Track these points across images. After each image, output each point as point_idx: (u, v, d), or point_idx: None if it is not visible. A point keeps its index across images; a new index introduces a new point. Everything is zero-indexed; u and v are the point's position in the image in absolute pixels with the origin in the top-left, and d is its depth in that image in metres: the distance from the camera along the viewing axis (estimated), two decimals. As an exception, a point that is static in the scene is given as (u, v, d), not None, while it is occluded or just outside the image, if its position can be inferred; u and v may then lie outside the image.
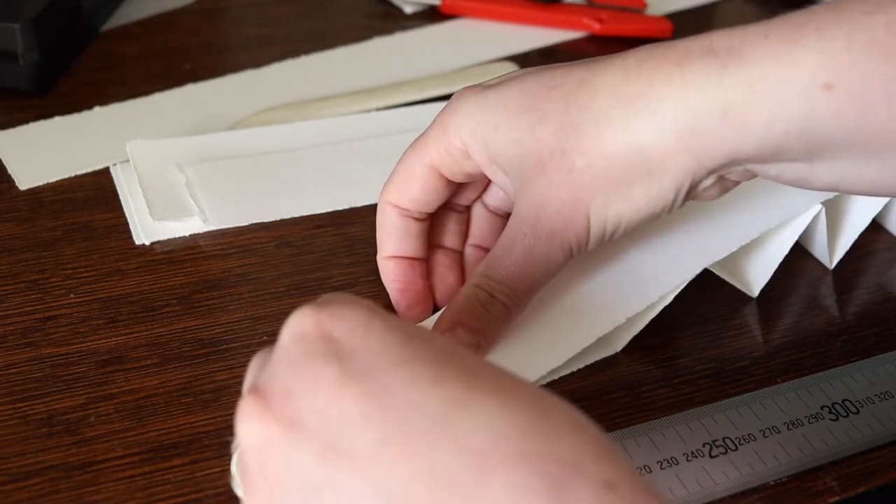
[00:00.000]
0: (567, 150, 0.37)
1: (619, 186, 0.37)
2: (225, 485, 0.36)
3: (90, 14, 0.64)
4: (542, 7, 0.69)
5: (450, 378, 0.27)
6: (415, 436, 0.26)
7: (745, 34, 0.35)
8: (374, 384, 0.27)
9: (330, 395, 0.27)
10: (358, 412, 0.26)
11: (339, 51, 0.65)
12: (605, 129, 0.36)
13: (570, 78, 0.38)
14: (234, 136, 0.55)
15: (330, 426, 0.26)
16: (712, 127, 0.35)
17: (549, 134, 0.37)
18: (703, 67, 0.35)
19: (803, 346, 0.44)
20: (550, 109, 0.38)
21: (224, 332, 0.43)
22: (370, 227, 0.49)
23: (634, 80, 0.36)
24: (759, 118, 0.34)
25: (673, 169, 0.36)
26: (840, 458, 0.38)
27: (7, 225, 0.48)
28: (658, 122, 0.35)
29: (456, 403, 0.26)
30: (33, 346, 0.42)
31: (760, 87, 0.34)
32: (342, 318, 0.29)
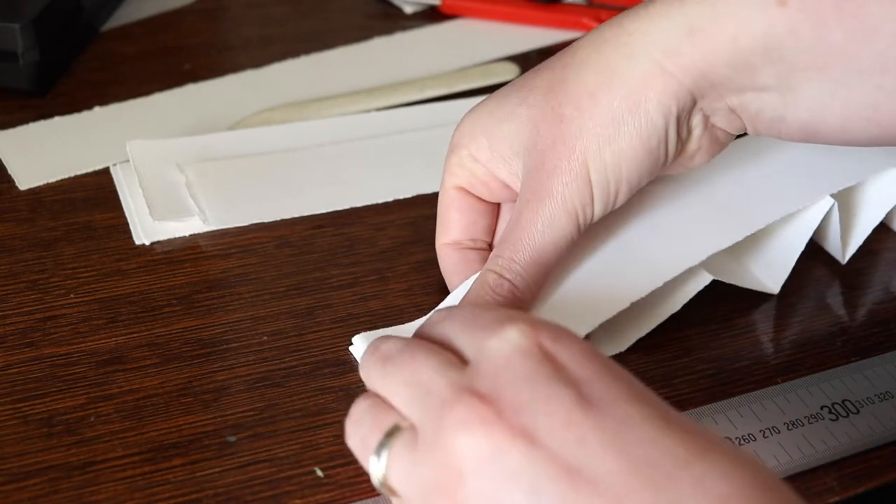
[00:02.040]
0: (555, 105, 0.39)
1: (609, 125, 0.38)
2: (224, 485, 0.36)
3: (90, 14, 0.64)
4: (542, 7, 0.69)
5: (678, 424, 0.28)
6: (658, 471, 0.26)
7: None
8: (612, 416, 0.27)
9: (569, 418, 0.27)
10: (597, 439, 0.27)
11: (339, 51, 0.65)
12: (586, 73, 0.38)
13: (554, 58, 0.40)
14: (234, 136, 0.55)
15: (569, 448, 0.27)
16: (682, 45, 0.37)
17: (538, 99, 0.39)
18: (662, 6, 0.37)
19: (803, 346, 0.44)
20: (537, 81, 0.40)
21: (224, 332, 0.43)
22: (370, 227, 0.49)
23: (606, 28, 0.39)
24: (724, 33, 0.36)
25: (655, 94, 0.37)
26: (840, 458, 0.38)
27: (7, 225, 0.48)
28: (631, 52, 0.38)
29: (693, 449, 0.27)
30: (33, 346, 0.42)
31: (721, 6, 0.36)
32: (562, 343, 0.30)
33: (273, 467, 0.37)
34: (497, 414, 0.28)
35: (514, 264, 0.39)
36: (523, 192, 0.39)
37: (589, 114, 0.38)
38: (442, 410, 0.29)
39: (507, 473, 0.27)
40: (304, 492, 0.36)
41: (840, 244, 0.46)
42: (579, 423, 0.27)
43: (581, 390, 0.28)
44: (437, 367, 0.30)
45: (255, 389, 0.40)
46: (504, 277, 0.39)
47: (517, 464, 0.27)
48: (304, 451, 0.38)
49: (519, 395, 0.28)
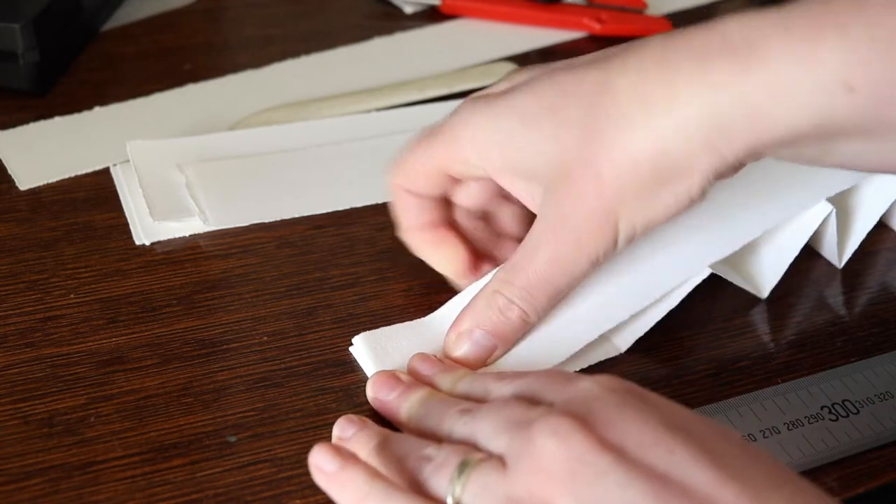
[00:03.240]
0: (593, 157, 0.37)
1: (648, 191, 0.37)
2: (224, 485, 0.36)
3: (90, 14, 0.64)
4: (542, 7, 0.69)
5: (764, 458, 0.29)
6: (750, 489, 0.27)
7: (763, 26, 0.35)
8: (701, 439, 0.29)
9: (657, 437, 0.29)
10: (687, 454, 0.28)
11: (339, 51, 0.65)
12: (632, 133, 0.36)
13: (585, 82, 0.37)
14: (234, 136, 0.55)
15: (659, 459, 0.28)
16: (736, 125, 0.35)
17: (572, 141, 0.37)
18: (725, 66, 0.35)
19: (803, 346, 0.44)
20: (570, 116, 0.37)
21: (224, 332, 0.43)
22: (370, 227, 0.49)
23: (654, 81, 0.36)
24: (781, 115, 0.35)
25: (699, 167, 0.36)
26: (840, 458, 0.38)
27: (7, 225, 0.48)
28: (684, 124, 0.35)
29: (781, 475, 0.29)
30: (33, 346, 0.42)
31: (783, 87, 0.34)
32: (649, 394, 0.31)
33: (273, 467, 0.37)
34: (588, 428, 0.29)
35: (527, 295, 0.39)
36: (544, 226, 0.38)
37: (629, 179, 0.36)
38: (530, 428, 0.30)
39: (599, 474, 0.28)
40: (305, 492, 0.36)
41: (836, 249, 0.46)
42: (668, 441, 0.28)
43: (665, 414, 0.30)
44: (524, 406, 0.32)
45: (256, 389, 0.40)
46: (515, 304, 0.39)
47: (608, 466, 0.28)
48: (304, 451, 0.38)
49: (607, 416, 0.30)
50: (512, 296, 0.39)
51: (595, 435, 0.29)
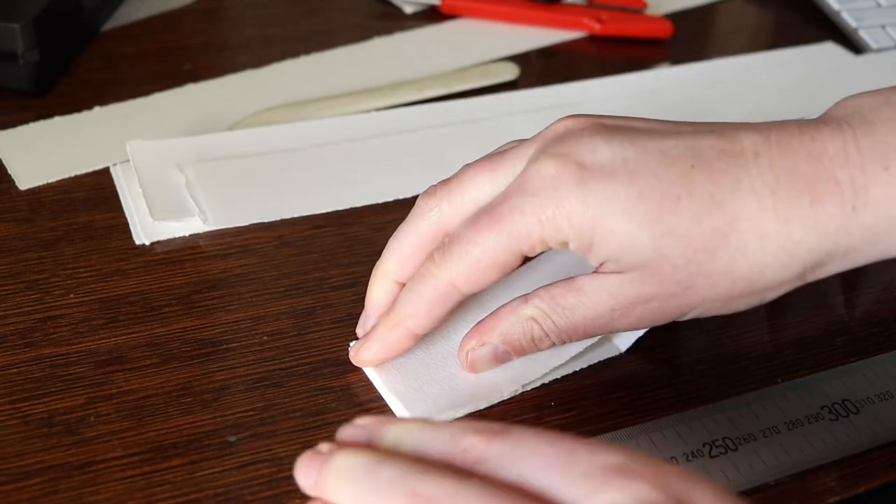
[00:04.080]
0: (694, 273, 0.36)
1: (729, 301, 0.37)
2: (224, 485, 0.36)
3: (90, 14, 0.64)
4: (542, 7, 0.69)
5: None
6: None
7: (864, 162, 0.36)
8: None
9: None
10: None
11: (339, 51, 0.65)
12: (740, 262, 0.36)
13: (696, 190, 0.36)
14: (234, 136, 0.55)
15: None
16: (832, 262, 0.37)
17: (677, 253, 0.36)
18: (833, 208, 0.36)
19: (803, 346, 0.44)
20: (678, 224, 0.36)
21: (224, 332, 0.43)
22: (370, 228, 0.49)
23: (769, 217, 0.36)
24: (873, 253, 0.36)
25: (782, 290, 0.37)
26: (840, 458, 0.38)
27: (7, 225, 0.48)
28: (790, 262, 0.36)
29: None
30: (33, 346, 0.42)
31: (883, 230, 0.36)
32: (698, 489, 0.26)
33: (273, 467, 0.37)
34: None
35: (566, 336, 0.39)
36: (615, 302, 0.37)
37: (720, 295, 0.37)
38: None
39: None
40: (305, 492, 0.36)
41: None
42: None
43: None
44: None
45: (255, 389, 0.40)
46: (550, 339, 0.39)
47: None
48: (303, 450, 0.38)
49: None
50: (549, 331, 0.38)
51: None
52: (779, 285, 0.37)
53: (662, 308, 0.37)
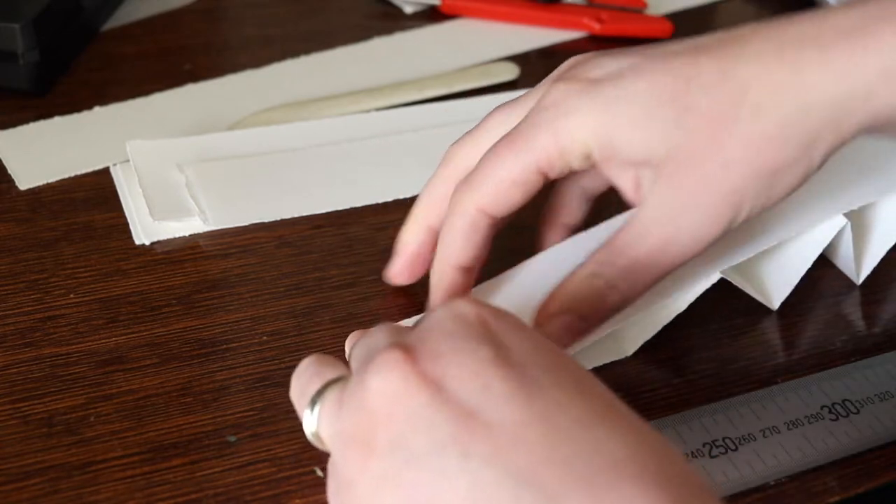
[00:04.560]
0: (722, 145, 0.37)
1: (773, 174, 0.37)
2: (224, 485, 0.36)
3: (90, 14, 0.64)
4: (542, 7, 0.69)
5: (593, 393, 0.28)
6: (556, 430, 0.27)
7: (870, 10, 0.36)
8: (524, 376, 0.28)
9: (479, 370, 0.28)
10: (501, 389, 0.28)
11: (339, 51, 0.65)
12: (762, 118, 0.36)
13: (703, 70, 0.37)
14: (234, 136, 0.55)
15: (473, 395, 0.28)
16: (856, 109, 0.36)
17: (700, 128, 0.37)
18: (845, 51, 0.36)
19: (803, 346, 0.44)
20: (694, 102, 0.37)
21: (224, 332, 0.43)
22: (370, 227, 0.49)
23: (779, 70, 0.36)
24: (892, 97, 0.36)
25: (821, 146, 0.37)
26: (840, 458, 0.38)
27: (7, 225, 0.48)
28: (811, 108, 0.36)
29: (598, 415, 0.28)
30: (33, 346, 0.42)
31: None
32: (503, 317, 0.30)
33: (273, 467, 0.37)
34: (412, 362, 0.29)
35: (630, 277, 0.38)
36: (657, 211, 0.38)
37: (756, 164, 0.37)
38: (368, 360, 0.30)
39: (411, 414, 0.28)
40: (304, 492, 0.36)
41: (853, 265, 0.46)
42: (487, 374, 0.28)
43: (501, 350, 0.29)
44: (389, 330, 0.32)
45: (255, 389, 0.40)
46: (617, 287, 0.38)
47: (420, 405, 0.28)
48: (303, 450, 0.38)
49: (438, 347, 0.29)
50: (614, 278, 0.38)
51: (417, 369, 0.28)
52: (811, 141, 0.36)
53: (708, 207, 0.37)
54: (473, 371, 0.28)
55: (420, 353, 0.29)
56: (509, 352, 0.29)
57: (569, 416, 0.27)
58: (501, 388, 0.28)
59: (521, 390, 0.27)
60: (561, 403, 0.27)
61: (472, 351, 0.29)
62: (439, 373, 0.28)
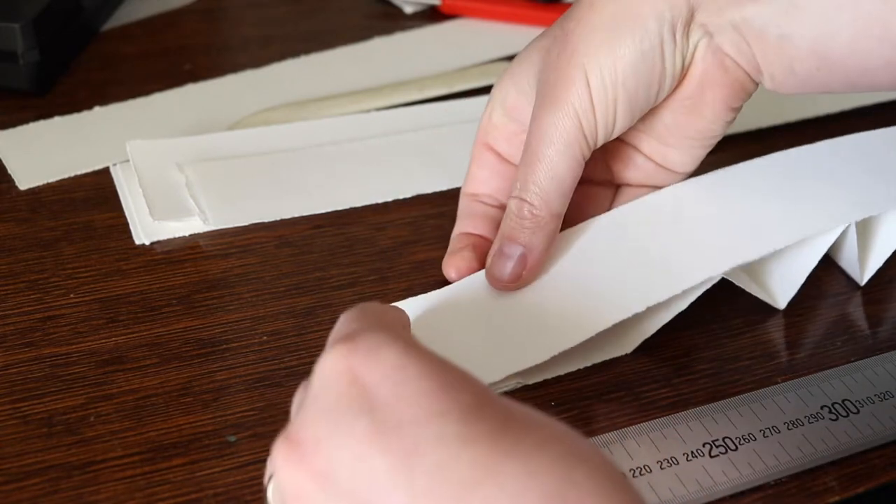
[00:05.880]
0: (563, 25, 0.41)
1: (605, 32, 0.40)
2: (224, 485, 0.36)
3: (90, 14, 0.64)
4: (542, 7, 0.69)
5: (480, 438, 0.27)
6: (441, 501, 0.26)
7: None
8: (404, 441, 0.27)
9: (360, 451, 0.27)
10: (386, 471, 0.27)
11: (339, 51, 0.65)
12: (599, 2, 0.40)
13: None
14: (234, 136, 0.55)
15: (360, 484, 0.27)
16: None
17: (553, 28, 0.42)
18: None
19: (803, 346, 0.44)
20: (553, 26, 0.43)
21: (224, 332, 0.43)
22: (370, 227, 0.49)
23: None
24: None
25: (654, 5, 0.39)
26: (840, 458, 0.38)
27: (7, 225, 0.48)
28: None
29: (484, 469, 0.26)
30: (33, 346, 0.42)
31: None
32: (375, 360, 0.29)
33: (273, 467, 0.37)
34: (300, 458, 0.28)
35: (527, 183, 0.41)
36: (532, 111, 0.41)
37: (588, 22, 0.40)
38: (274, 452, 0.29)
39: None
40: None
41: (857, 266, 0.46)
42: (369, 456, 0.27)
43: (377, 417, 0.27)
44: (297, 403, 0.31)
45: (255, 389, 0.40)
46: (523, 200, 0.41)
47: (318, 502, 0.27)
48: (303, 450, 0.38)
49: (318, 432, 0.28)
50: (518, 192, 0.41)
51: (304, 466, 0.28)
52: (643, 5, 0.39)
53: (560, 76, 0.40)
54: (355, 455, 0.27)
55: (304, 447, 0.28)
56: (385, 410, 0.27)
57: (452, 479, 0.26)
58: (383, 468, 0.26)
59: (403, 465, 0.26)
60: (443, 466, 0.26)
61: (348, 429, 0.27)
62: (327, 465, 0.27)
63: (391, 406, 0.27)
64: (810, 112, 0.57)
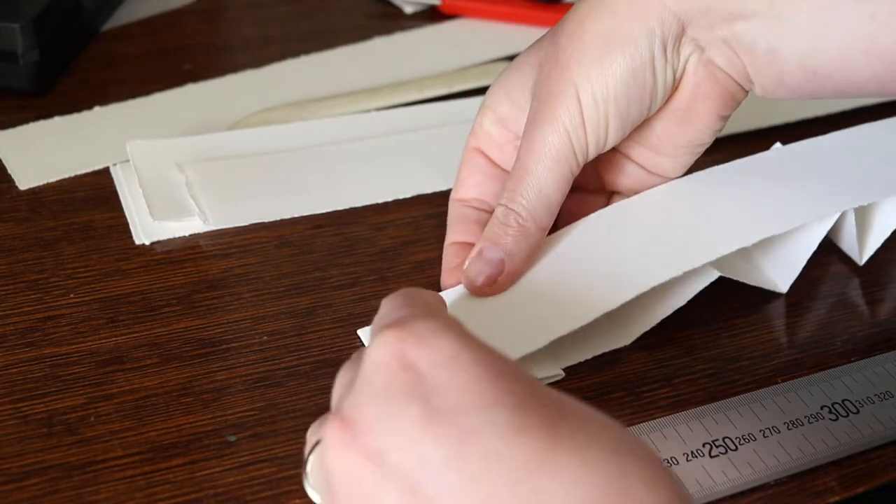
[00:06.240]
0: (556, 41, 0.41)
1: (596, 49, 0.40)
2: (224, 484, 0.36)
3: (90, 14, 0.64)
4: (542, 7, 0.69)
5: (533, 428, 0.27)
6: (494, 488, 0.26)
7: None
8: (457, 428, 0.27)
9: (413, 436, 0.27)
10: (439, 456, 0.27)
11: (339, 51, 0.65)
12: (581, 6, 0.41)
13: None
14: (234, 136, 0.55)
15: (413, 467, 0.27)
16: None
17: (545, 42, 0.42)
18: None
19: (803, 346, 0.44)
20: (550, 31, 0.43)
21: (224, 332, 0.43)
22: (370, 227, 0.49)
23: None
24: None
25: (638, 17, 0.39)
26: (840, 458, 0.38)
27: (7, 225, 0.48)
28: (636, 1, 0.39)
29: (537, 459, 0.26)
30: (33, 346, 0.42)
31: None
32: (429, 347, 0.29)
33: (273, 467, 0.37)
34: (352, 437, 0.28)
35: (515, 194, 0.41)
36: (525, 125, 0.42)
37: (579, 38, 0.40)
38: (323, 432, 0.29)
39: (366, 495, 0.28)
40: (305, 492, 0.36)
41: (857, 245, 0.46)
42: (422, 441, 0.27)
43: (431, 403, 0.28)
44: (338, 386, 0.31)
45: (255, 389, 0.40)
46: (509, 208, 0.41)
47: (369, 485, 0.28)
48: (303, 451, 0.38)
49: (371, 414, 0.28)
50: (505, 200, 0.41)
51: (359, 446, 0.28)
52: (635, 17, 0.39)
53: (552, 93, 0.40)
54: (409, 438, 0.27)
55: (358, 427, 0.28)
56: (439, 396, 0.28)
57: (505, 467, 0.26)
58: (436, 453, 0.27)
59: (457, 450, 0.27)
60: (497, 453, 0.26)
61: (402, 412, 0.28)
62: (378, 445, 0.28)
63: (445, 393, 0.28)
64: (810, 112, 0.57)
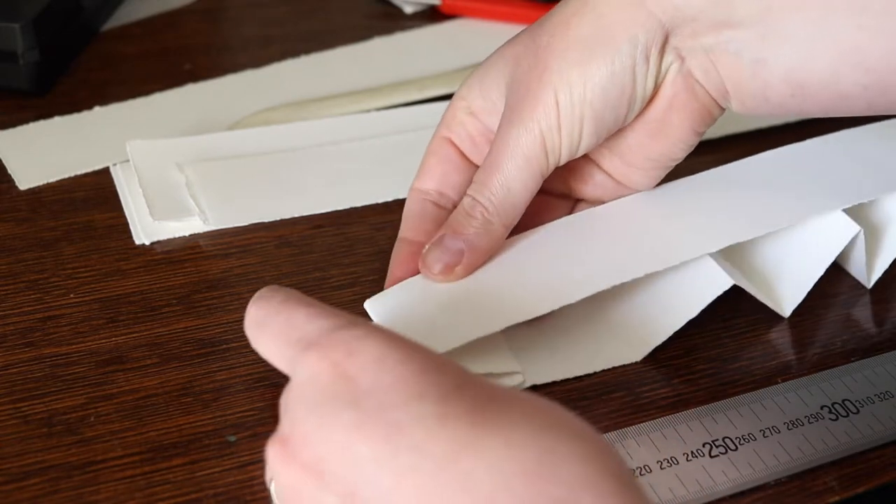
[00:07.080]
0: (536, 37, 0.41)
1: (578, 51, 0.39)
2: (224, 484, 0.36)
3: (90, 14, 0.64)
4: (542, 7, 0.69)
5: (458, 415, 0.27)
6: (423, 479, 0.26)
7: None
8: (386, 425, 0.27)
9: (345, 441, 0.28)
10: (371, 456, 0.27)
11: (339, 51, 0.65)
12: (565, 5, 0.41)
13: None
14: (234, 136, 0.55)
15: (347, 472, 0.27)
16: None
17: (523, 37, 0.42)
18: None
19: (803, 346, 0.44)
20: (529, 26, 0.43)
21: (224, 332, 0.43)
22: (370, 227, 0.49)
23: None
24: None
25: (622, 22, 0.39)
26: (840, 458, 0.38)
27: (7, 225, 0.48)
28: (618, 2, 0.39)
29: (462, 443, 0.27)
30: (33, 346, 0.42)
31: None
32: (355, 354, 0.29)
33: (273, 467, 0.37)
34: (292, 453, 0.29)
35: (483, 187, 0.41)
36: (500, 121, 0.41)
37: (562, 39, 0.40)
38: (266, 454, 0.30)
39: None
40: (304, 492, 0.36)
41: (865, 270, 0.46)
42: (354, 444, 0.27)
43: (361, 406, 0.28)
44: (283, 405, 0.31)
45: (255, 389, 0.40)
46: (476, 200, 0.41)
47: (311, 497, 0.28)
48: (303, 450, 0.38)
49: (306, 427, 0.29)
50: (473, 191, 0.41)
51: (297, 463, 0.28)
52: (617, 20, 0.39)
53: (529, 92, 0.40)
54: (342, 444, 0.28)
55: (295, 442, 0.29)
56: (368, 400, 0.28)
57: (431, 455, 0.27)
58: (368, 454, 0.27)
59: (385, 447, 0.27)
60: (423, 443, 0.27)
61: (334, 420, 0.28)
62: (316, 457, 0.28)
63: (373, 394, 0.28)
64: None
